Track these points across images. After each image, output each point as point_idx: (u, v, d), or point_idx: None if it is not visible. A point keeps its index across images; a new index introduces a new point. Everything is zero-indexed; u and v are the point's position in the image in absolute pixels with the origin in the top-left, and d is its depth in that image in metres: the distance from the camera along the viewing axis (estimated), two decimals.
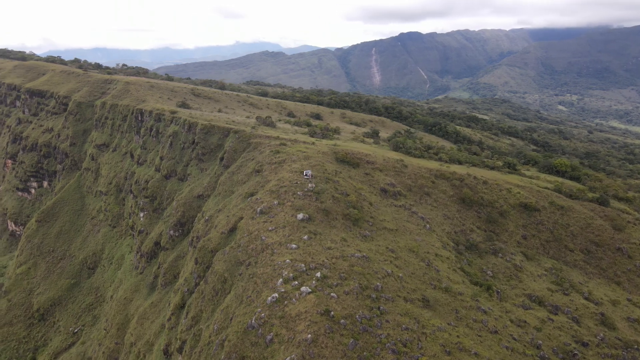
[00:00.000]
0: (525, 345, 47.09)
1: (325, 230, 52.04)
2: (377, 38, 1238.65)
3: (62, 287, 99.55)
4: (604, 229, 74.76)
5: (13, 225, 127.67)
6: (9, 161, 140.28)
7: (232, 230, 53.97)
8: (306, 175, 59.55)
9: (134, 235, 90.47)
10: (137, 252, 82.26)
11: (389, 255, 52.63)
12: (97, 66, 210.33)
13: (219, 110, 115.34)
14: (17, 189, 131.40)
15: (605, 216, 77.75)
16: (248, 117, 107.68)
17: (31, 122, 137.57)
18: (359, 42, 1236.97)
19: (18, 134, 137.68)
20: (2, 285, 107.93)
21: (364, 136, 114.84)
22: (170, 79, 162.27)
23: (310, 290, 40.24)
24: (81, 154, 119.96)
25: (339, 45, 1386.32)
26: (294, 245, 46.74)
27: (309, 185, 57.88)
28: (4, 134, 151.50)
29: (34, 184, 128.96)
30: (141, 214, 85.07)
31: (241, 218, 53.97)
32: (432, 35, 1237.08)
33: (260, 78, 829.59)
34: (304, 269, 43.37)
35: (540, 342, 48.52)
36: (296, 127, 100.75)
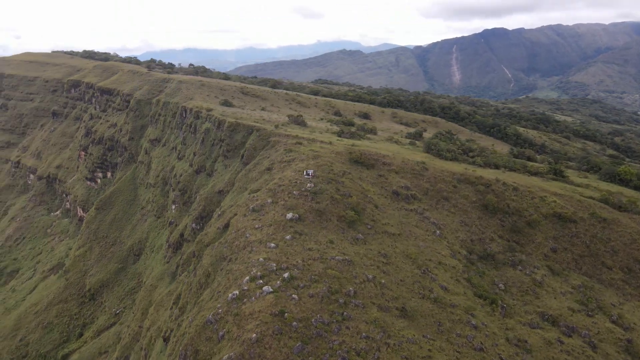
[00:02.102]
0: None
1: (313, 231, 51.56)
2: (459, 35, 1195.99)
3: (111, 270, 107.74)
4: None
5: (81, 211, 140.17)
6: (82, 153, 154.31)
7: (227, 226, 55.25)
8: (307, 174, 59.32)
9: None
10: (167, 242, 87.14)
11: (378, 260, 50.94)
12: (170, 65, 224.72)
13: (263, 109, 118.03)
14: (86, 178, 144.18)
15: None
16: (289, 115, 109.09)
17: (100, 117, 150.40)
18: (439, 40, 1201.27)
19: (90, 128, 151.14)
20: (64, 265, 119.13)
21: (406, 137, 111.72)
22: (227, 77, 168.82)
23: (271, 290, 40.17)
24: (138, 147, 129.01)
25: (420, 44, 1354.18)
26: (272, 245, 46.87)
27: (308, 185, 57.59)
28: (81, 127, 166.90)
29: (100, 174, 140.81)
30: (173, 206, 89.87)
31: (235, 214, 55.08)
32: (520, 31, 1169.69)
33: (337, 77, 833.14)
34: (274, 268, 43.36)
35: None
36: (330, 126, 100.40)
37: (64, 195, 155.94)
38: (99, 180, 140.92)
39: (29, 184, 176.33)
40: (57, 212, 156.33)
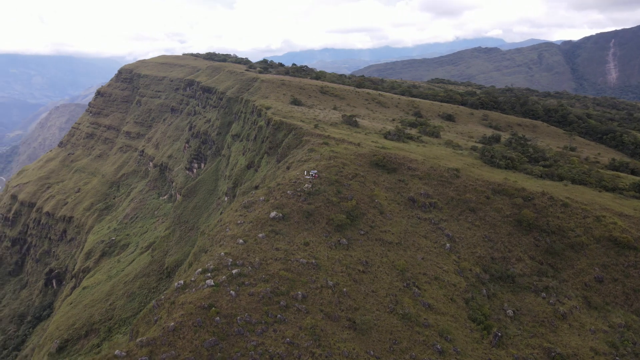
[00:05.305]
0: None
1: (292, 231, 51.38)
2: (619, 28, 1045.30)
3: (186, 252, 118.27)
4: None
5: (179, 196, 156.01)
6: (186, 145, 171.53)
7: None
8: (308, 175, 59.10)
9: None
10: None
11: (354, 268, 48.84)
12: (279, 65, 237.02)
13: (334, 108, 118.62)
14: (186, 168, 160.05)
15: None
16: (343, 115, 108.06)
17: (200, 113, 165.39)
18: (593, 34, 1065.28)
19: (192, 122, 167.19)
20: (153, 243, 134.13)
21: (479, 142, 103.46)
22: (318, 77, 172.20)
23: (213, 284, 41.37)
24: (223, 142, 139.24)
25: (571, 38, 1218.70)
26: (241, 241, 47.96)
27: (305, 185, 57.36)
28: (189, 122, 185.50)
29: (195, 165, 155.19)
30: (225, 198, 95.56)
31: (231, 209, 57.29)
32: None
33: (469, 76, 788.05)
34: (229, 264, 44.45)
35: None
36: (390, 127, 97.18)
37: (171, 182, 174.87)
38: (194, 170, 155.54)
39: (148, 170, 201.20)
40: (165, 197, 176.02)
